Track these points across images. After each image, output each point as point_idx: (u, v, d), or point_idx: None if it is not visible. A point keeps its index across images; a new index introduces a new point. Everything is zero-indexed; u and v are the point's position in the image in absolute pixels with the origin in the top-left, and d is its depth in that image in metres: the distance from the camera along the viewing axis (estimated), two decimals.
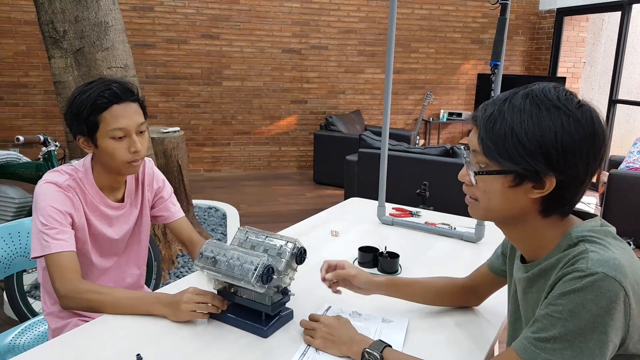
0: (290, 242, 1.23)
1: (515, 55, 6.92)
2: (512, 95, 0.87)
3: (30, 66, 5.49)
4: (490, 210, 0.92)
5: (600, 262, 0.79)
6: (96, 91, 1.36)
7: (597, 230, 0.87)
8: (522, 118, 0.83)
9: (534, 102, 0.84)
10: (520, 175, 0.85)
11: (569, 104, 0.83)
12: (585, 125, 0.82)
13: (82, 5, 2.67)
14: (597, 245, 0.83)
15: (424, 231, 1.97)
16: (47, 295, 1.56)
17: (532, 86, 0.87)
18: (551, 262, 0.88)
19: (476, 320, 1.30)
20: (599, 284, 0.77)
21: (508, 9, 1.65)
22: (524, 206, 0.88)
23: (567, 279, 0.81)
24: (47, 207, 1.36)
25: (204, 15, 5.85)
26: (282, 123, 6.40)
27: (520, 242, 0.96)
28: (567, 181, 0.84)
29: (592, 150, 0.83)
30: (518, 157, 0.83)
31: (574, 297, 0.79)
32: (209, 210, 4.57)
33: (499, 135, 0.85)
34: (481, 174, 0.90)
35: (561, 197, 0.86)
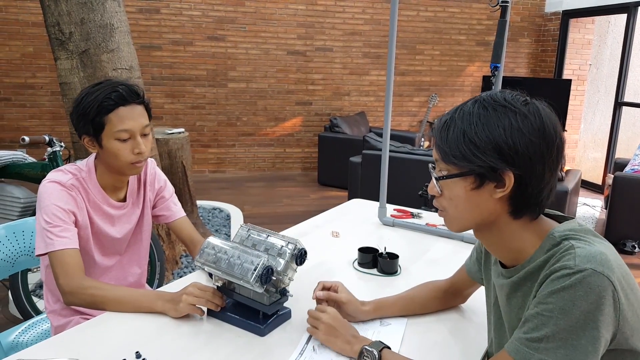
0: (291, 242, 1.24)
1: (520, 57, 6.91)
2: (463, 104, 0.91)
3: (38, 68, 5.54)
4: (460, 218, 0.92)
5: (588, 257, 0.80)
6: (103, 93, 1.39)
7: (578, 229, 0.88)
8: (471, 120, 0.87)
9: (481, 105, 0.88)
10: (479, 176, 0.86)
11: (515, 102, 0.86)
12: (533, 120, 0.84)
13: (88, 7, 2.70)
14: (582, 242, 0.84)
15: (424, 232, 1.98)
16: (50, 293, 1.58)
17: (480, 95, 0.91)
18: (537, 264, 0.88)
19: (473, 323, 1.30)
20: (587, 280, 0.78)
21: (508, 11, 1.66)
22: (492, 209, 0.89)
23: (555, 276, 0.81)
24: (51, 205, 1.38)
25: (210, 17, 5.89)
26: (286, 124, 6.42)
27: (498, 248, 0.96)
28: (526, 176, 0.85)
29: (545, 144, 0.84)
30: (472, 155, 0.85)
31: (564, 295, 0.79)
32: (213, 211, 4.60)
33: (452, 139, 0.88)
34: (441, 179, 0.92)
35: (525, 194, 0.87)
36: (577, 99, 6.73)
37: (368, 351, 1.06)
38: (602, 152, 6.06)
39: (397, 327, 1.26)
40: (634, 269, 3.77)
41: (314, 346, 1.16)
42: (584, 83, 6.79)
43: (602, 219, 4.77)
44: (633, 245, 3.99)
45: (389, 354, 1.06)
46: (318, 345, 1.16)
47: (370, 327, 1.27)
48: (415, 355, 1.10)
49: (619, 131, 5.81)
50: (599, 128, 7.09)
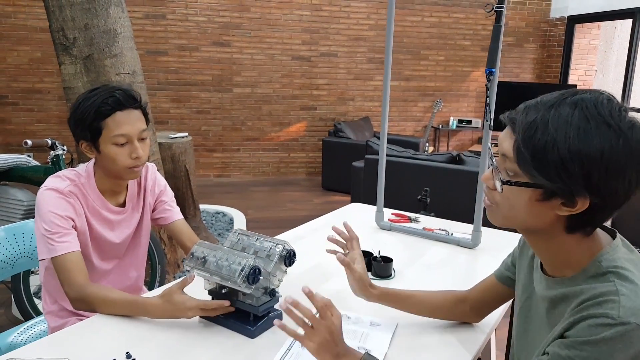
0: (279, 244, 1.25)
1: (526, 62, 6.90)
2: (560, 102, 0.79)
3: (45, 72, 5.61)
4: (511, 218, 0.87)
5: (632, 310, 0.74)
6: (100, 98, 1.40)
7: (627, 259, 0.82)
8: (567, 131, 0.75)
9: (583, 114, 0.76)
10: (551, 191, 0.79)
11: (622, 121, 0.76)
12: (634, 147, 0.76)
13: (92, 13, 2.74)
14: (628, 286, 0.77)
15: (421, 237, 1.98)
16: (48, 294, 1.60)
17: (582, 94, 0.79)
18: (576, 290, 0.83)
19: (464, 328, 1.29)
20: (629, 334, 0.73)
21: (503, 16, 1.67)
22: (549, 221, 0.83)
23: (593, 323, 0.76)
24: (49, 213, 1.40)
25: (215, 23, 5.93)
26: (291, 129, 6.44)
27: (544, 253, 0.92)
28: (602, 204, 0.78)
29: (636, 175, 0.77)
30: (555, 175, 0.77)
31: (602, 347, 0.75)
32: (216, 215, 4.62)
33: (539, 147, 0.77)
34: (509, 184, 0.84)
35: (592, 218, 0.81)
36: None
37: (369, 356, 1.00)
38: None
39: (387, 329, 1.26)
40: None
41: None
42: None
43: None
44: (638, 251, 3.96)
45: None
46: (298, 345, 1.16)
47: (360, 327, 1.27)
48: (403, 358, 1.10)
49: None
50: None
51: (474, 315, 1.27)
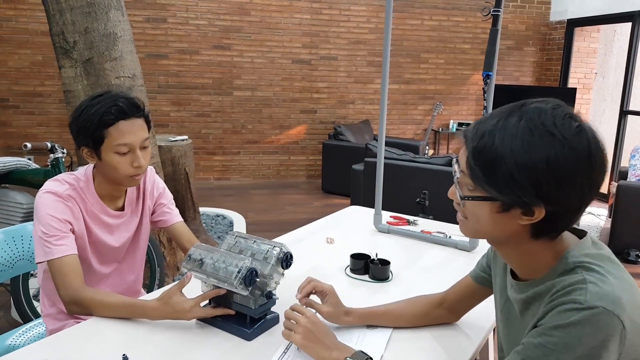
0: (276, 246, 1.25)
1: (526, 65, 6.91)
2: (506, 115, 0.81)
3: (46, 76, 5.63)
4: (480, 231, 0.90)
5: (600, 295, 0.76)
6: (103, 106, 1.39)
7: (594, 255, 0.84)
8: (513, 145, 0.78)
9: (527, 126, 0.78)
10: (508, 203, 0.81)
11: (566, 129, 0.77)
12: (581, 154, 0.77)
13: (92, 17, 2.75)
14: (595, 275, 0.80)
15: (419, 239, 1.99)
16: (46, 297, 1.61)
17: (529, 106, 0.81)
18: (547, 286, 0.85)
19: (458, 334, 1.29)
20: (597, 318, 0.75)
21: (500, 20, 1.67)
22: (514, 230, 0.85)
23: (562, 309, 0.78)
24: (47, 216, 1.40)
25: (216, 26, 5.95)
26: (291, 132, 6.45)
27: (513, 261, 0.94)
28: (558, 211, 0.80)
29: (588, 180, 0.79)
30: (506, 188, 0.79)
31: (571, 330, 0.76)
32: (216, 218, 4.62)
33: (487, 163, 0.80)
34: (467, 199, 0.87)
35: (552, 225, 0.83)
36: (583, 107, 6.70)
37: (358, 354, 1.04)
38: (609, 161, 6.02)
39: (383, 332, 1.27)
40: (637, 278, 3.73)
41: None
42: (590, 92, 6.77)
43: (606, 228, 4.73)
44: (637, 254, 3.96)
45: None
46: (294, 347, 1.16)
47: (356, 329, 1.27)
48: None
49: (624, 140, 5.78)
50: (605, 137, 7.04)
51: (452, 315, 1.30)
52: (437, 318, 1.29)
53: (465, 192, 0.88)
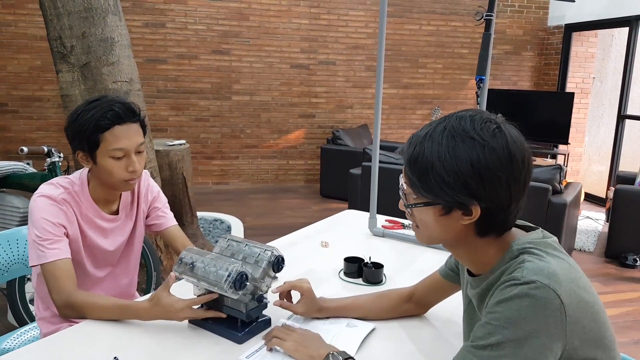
0: (268, 250, 1.26)
1: (524, 70, 6.93)
2: (433, 129, 0.90)
3: (45, 80, 5.64)
4: (429, 236, 0.96)
5: (535, 270, 0.82)
6: (99, 111, 1.40)
7: (538, 242, 0.90)
8: (440, 152, 0.86)
9: (450, 134, 0.87)
10: (447, 205, 0.89)
11: (484, 132, 0.86)
12: (500, 153, 0.85)
13: (89, 21, 2.76)
14: (534, 256, 0.86)
15: (413, 243, 1.99)
16: (40, 301, 1.61)
17: (451, 116, 0.90)
18: (496, 276, 0.91)
19: (446, 335, 1.29)
20: (533, 292, 0.80)
21: (492, 24, 1.69)
22: (460, 231, 0.91)
23: (503, 286, 0.84)
24: (40, 219, 1.40)
25: (215, 31, 5.98)
26: (290, 137, 6.47)
27: (465, 260, 1.00)
28: (492, 207, 0.87)
29: (512, 176, 0.86)
30: (440, 190, 0.87)
31: (511, 304, 0.81)
32: (214, 223, 4.63)
33: (421, 171, 0.88)
34: (411, 206, 0.95)
35: (491, 221, 0.90)
36: (581, 112, 6.72)
37: (334, 355, 1.08)
38: (607, 165, 6.04)
39: (362, 331, 1.27)
40: (635, 282, 3.74)
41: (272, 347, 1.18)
42: (588, 96, 6.78)
43: (604, 232, 4.73)
44: (634, 258, 3.96)
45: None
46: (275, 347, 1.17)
47: (335, 326, 1.28)
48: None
49: (622, 144, 5.79)
50: (603, 141, 7.07)
51: (420, 309, 1.37)
52: (405, 311, 1.36)
53: (410, 201, 0.95)
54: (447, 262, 1.27)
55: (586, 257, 4.23)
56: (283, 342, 1.16)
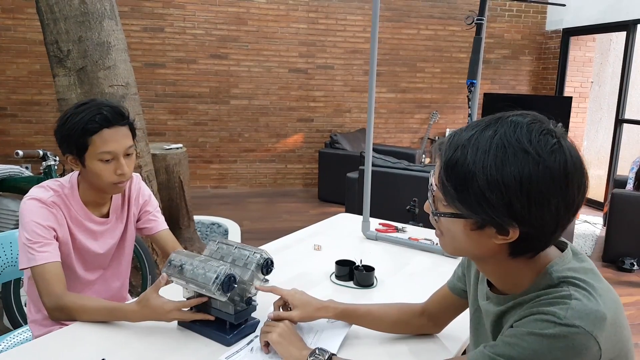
0: (257, 252, 1.26)
1: (522, 75, 6.94)
2: (481, 130, 0.78)
3: (44, 85, 5.66)
4: (456, 247, 0.87)
5: (581, 314, 0.74)
6: (88, 115, 1.40)
7: (577, 269, 0.81)
8: (485, 161, 0.74)
9: (501, 142, 0.75)
10: (481, 221, 0.78)
11: (541, 147, 0.73)
12: (556, 173, 0.73)
13: (86, 26, 2.78)
14: (582, 291, 0.77)
15: (406, 246, 1.99)
16: (32, 304, 1.61)
17: (504, 120, 0.78)
18: (528, 298, 0.83)
19: (433, 347, 1.26)
20: (572, 337, 0.73)
21: (483, 28, 1.70)
22: (491, 248, 0.82)
23: (540, 318, 0.76)
24: (30, 222, 1.41)
25: (213, 36, 6.00)
26: (288, 141, 6.47)
27: (493, 277, 0.91)
28: (533, 232, 0.76)
29: (564, 202, 0.75)
30: (477, 206, 0.76)
31: (543, 341, 0.74)
32: (211, 226, 4.63)
33: (459, 180, 0.77)
34: (440, 215, 0.84)
35: (529, 245, 0.79)
36: (579, 116, 6.73)
37: (321, 351, 1.07)
38: (605, 169, 6.04)
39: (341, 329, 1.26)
40: (632, 286, 3.73)
41: (253, 347, 1.18)
42: (586, 100, 6.79)
43: (602, 236, 4.73)
44: (632, 262, 3.96)
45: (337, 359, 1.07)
46: (257, 348, 1.18)
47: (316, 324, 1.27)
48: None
49: (620, 148, 5.80)
50: (602, 145, 7.07)
51: (433, 326, 1.26)
52: (419, 327, 1.26)
53: (440, 208, 0.84)
54: (455, 272, 1.17)
55: None
56: (268, 334, 1.15)
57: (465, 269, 1.11)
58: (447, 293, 1.19)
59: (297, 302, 1.23)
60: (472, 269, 1.06)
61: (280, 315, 1.22)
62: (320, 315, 1.24)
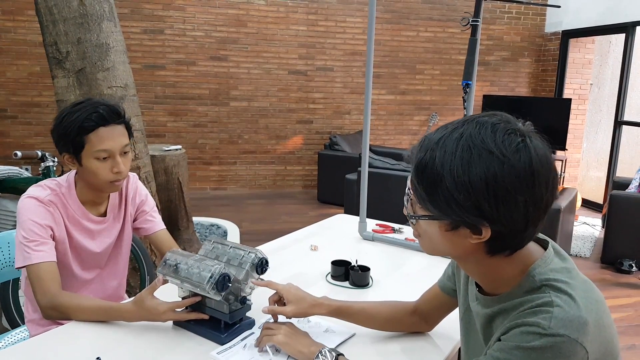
0: (252, 252, 1.27)
1: (521, 76, 6.95)
2: (449, 132, 0.79)
3: (44, 86, 5.68)
4: (434, 248, 0.88)
5: (565, 322, 0.75)
6: (84, 113, 1.42)
7: (559, 269, 0.82)
8: (452, 164, 0.76)
9: (466, 144, 0.76)
10: (454, 222, 0.80)
11: (505, 147, 0.75)
12: (521, 172, 0.74)
13: (85, 27, 2.79)
14: (563, 296, 0.78)
15: (402, 247, 2.00)
16: (29, 303, 1.62)
17: (471, 122, 0.79)
18: (514, 304, 0.84)
19: (425, 346, 1.27)
20: (559, 346, 0.74)
21: (479, 30, 1.70)
22: (468, 248, 0.83)
23: (525, 330, 0.77)
24: (28, 220, 1.42)
25: (213, 38, 6.01)
26: (287, 143, 6.49)
27: (476, 276, 0.93)
28: (504, 231, 0.78)
29: (532, 199, 0.76)
30: (447, 207, 0.78)
31: (531, 354, 0.75)
32: (210, 228, 4.64)
33: (429, 182, 0.79)
34: (415, 218, 0.86)
35: (503, 243, 0.81)
36: (579, 118, 6.73)
37: (329, 351, 1.08)
38: (605, 171, 6.05)
39: (338, 337, 1.26)
40: (631, 288, 3.73)
41: (246, 344, 1.19)
42: (585, 102, 6.80)
43: (600, 238, 4.73)
44: (630, 264, 3.96)
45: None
46: (250, 345, 1.19)
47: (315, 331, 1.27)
48: None
49: (619, 150, 5.80)
50: (601, 147, 7.07)
51: (425, 324, 1.28)
52: (411, 325, 1.28)
53: (416, 210, 0.86)
54: (445, 272, 1.19)
55: (582, 263, 4.23)
56: (273, 336, 1.15)
57: (455, 269, 1.12)
58: (437, 292, 1.20)
59: (291, 297, 1.23)
60: (461, 269, 1.07)
61: (274, 310, 1.22)
62: (315, 311, 1.24)
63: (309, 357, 1.10)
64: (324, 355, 1.08)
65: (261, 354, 1.16)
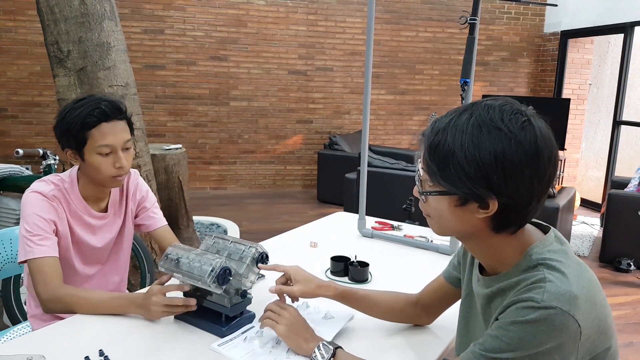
0: (252, 246, 1.29)
1: (520, 77, 6.98)
2: (458, 115, 0.86)
3: (44, 86, 5.69)
4: (445, 227, 0.93)
5: (556, 295, 0.79)
6: (86, 109, 1.44)
7: (556, 250, 0.87)
8: (462, 140, 0.82)
9: (476, 122, 0.83)
10: (464, 196, 0.85)
11: (512, 124, 0.81)
12: (527, 147, 0.81)
13: (86, 27, 2.81)
14: (555, 273, 0.82)
15: (401, 244, 2.02)
16: (32, 298, 1.63)
17: (478, 104, 0.86)
18: (510, 283, 0.89)
19: (423, 337, 1.29)
20: (552, 318, 0.78)
21: (477, 28, 1.72)
22: (475, 224, 0.88)
23: (520, 306, 0.82)
24: (32, 214, 1.44)
25: (213, 38, 6.03)
26: (287, 142, 6.50)
27: (479, 254, 0.97)
28: (511, 204, 0.83)
29: (536, 173, 0.82)
30: (458, 180, 0.83)
31: (526, 327, 0.80)
32: (210, 227, 4.65)
33: (441, 158, 0.85)
34: (426, 194, 0.91)
35: (508, 218, 0.86)
36: (578, 118, 6.75)
37: (325, 346, 1.11)
38: (603, 170, 6.07)
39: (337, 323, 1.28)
40: (629, 286, 3.75)
41: (247, 337, 1.21)
42: (584, 102, 6.82)
43: (599, 237, 4.75)
44: (628, 263, 3.98)
45: (342, 353, 1.10)
46: (250, 338, 1.20)
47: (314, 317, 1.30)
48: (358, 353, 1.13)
49: (617, 150, 5.82)
50: (600, 147, 7.09)
51: (426, 316, 1.30)
52: (412, 317, 1.30)
53: (426, 188, 0.92)
54: (451, 262, 1.22)
55: None
56: (275, 325, 1.17)
57: (461, 257, 1.15)
58: (442, 282, 1.24)
59: (299, 277, 1.26)
60: (467, 255, 1.11)
61: (282, 289, 1.24)
62: (321, 293, 1.26)
63: (307, 352, 1.13)
64: (321, 350, 1.10)
65: (261, 347, 1.18)
